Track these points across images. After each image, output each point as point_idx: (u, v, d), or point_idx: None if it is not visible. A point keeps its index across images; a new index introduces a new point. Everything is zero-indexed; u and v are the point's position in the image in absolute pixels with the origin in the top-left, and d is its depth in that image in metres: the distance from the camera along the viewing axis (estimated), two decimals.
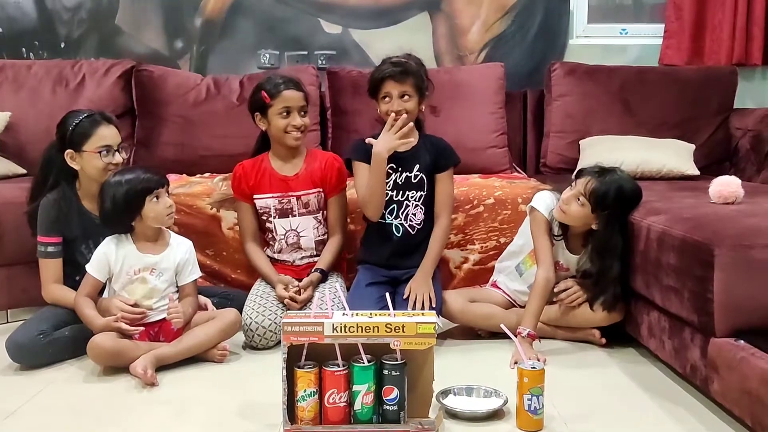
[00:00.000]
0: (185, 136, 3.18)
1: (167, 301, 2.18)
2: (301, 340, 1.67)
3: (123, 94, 3.29)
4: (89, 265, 2.16)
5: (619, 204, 2.19)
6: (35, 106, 3.19)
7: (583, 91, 3.27)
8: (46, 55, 3.54)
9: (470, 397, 1.87)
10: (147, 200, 2.14)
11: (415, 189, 2.45)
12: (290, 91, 2.47)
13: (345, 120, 3.24)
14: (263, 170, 2.54)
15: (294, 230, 2.54)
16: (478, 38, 3.61)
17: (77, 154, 2.28)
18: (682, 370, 1.92)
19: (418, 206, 2.46)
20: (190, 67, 3.59)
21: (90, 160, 2.27)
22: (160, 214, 2.16)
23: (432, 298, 2.32)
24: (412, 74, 2.41)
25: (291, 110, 2.47)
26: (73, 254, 2.31)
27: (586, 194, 2.19)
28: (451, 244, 2.76)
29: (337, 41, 3.60)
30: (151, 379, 1.98)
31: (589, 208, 2.20)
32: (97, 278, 2.16)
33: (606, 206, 2.17)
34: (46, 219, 2.28)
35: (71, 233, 2.31)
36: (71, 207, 2.31)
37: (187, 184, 2.82)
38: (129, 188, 2.13)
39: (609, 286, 2.22)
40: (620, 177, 2.24)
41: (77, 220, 2.32)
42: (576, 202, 2.21)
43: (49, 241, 2.29)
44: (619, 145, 3.07)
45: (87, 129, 2.27)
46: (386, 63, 2.44)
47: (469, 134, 3.15)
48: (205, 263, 2.70)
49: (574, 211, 2.22)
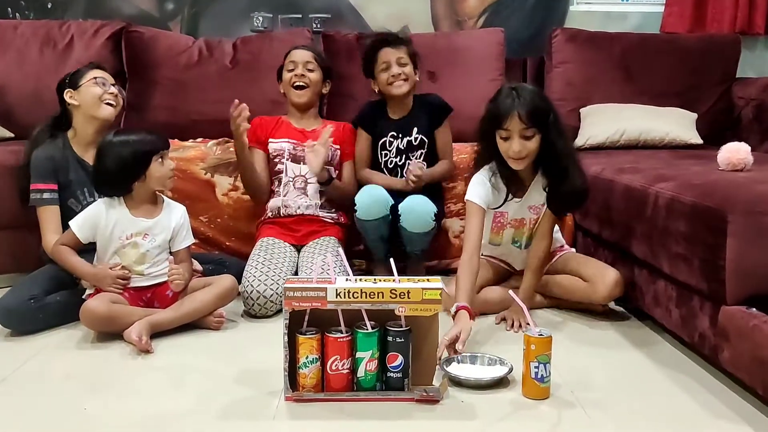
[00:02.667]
0: (177, 100, 3.10)
1: (160, 266, 2.13)
2: (303, 306, 1.62)
3: (112, 56, 3.19)
4: (74, 221, 2.11)
5: (549, 107, 2.05)
6: (22, 68, 3.09)
7: (585, 58, 3.21)
8: (33, 16, 3.45)
9: (474, 365, 1.84)
10: (153, 160, 2.09)
11: (416, 149, 2.62)
12: (297, 50, 2.68)
13: (341, 85, 3.14)
14: (280, 123, 2.66)
15: (302, 176, 2.58)
16: (478, 3, 3.56)
17: (75, 92, 2.33)
18: (690, 339, 1.89)
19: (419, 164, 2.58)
20: (181, 29, 3.51)
21: (87, 90, 2.32)
22: (164, 176, 2.12)
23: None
24: (405, 42, 2.56)
25: (296, 65, 2.62)
26: (66, 202, 2.29)
27: (529, 124, 2.01)
28: (450, 212, 2.72)
29: (333, 4, 3.53)
30: (145, 346, 1.93)
31: (537, 135, 2.04)
32: (78, 237, 2.10)
33: (545, 117, 2.02)
34: (42, 165, 2.27)
35: (66, 180, 2.29)
36: (66, 155, 2.31)
37: (180, 148, 2.75)
38: (137, 148, 2.08)
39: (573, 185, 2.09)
40: (521, 86, 2.07)
41: (72, 167, 2.31)
42: (525, 142, 2.03)
43: (45, 187, 2.26)
44: (621, 114, 3.03)
45: (82, 71, 2.38)
46: (378, 36, 2.61)
47: (468, 101, 3.05)
48: (198, 230, 2.64)
49: (530, 148, 2.04)
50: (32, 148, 2.32)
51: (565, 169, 2.09)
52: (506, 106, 2.03)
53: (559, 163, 2.09)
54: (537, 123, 2.03)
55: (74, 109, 2.33)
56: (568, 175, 2.10)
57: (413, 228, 2.45)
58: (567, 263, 2.35)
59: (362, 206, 2.46)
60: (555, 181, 2.13)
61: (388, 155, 2.62)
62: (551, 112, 2.07)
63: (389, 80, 2.55)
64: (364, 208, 2.45)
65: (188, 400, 1.68)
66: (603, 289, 2.20)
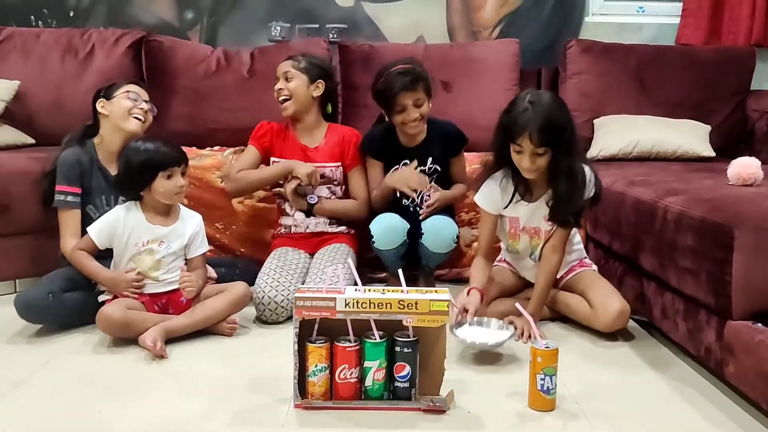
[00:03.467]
0: (195, 109, 3.15)
1: (175, 273, 2.17)
2: (312, 315, 1.65)
3: (133, 64, 3.26)
4: (92, 228, 2.16)
5: (565, 127, 2.05)
6: (44, 75, 3.15)
7: (599, 69, 3.22)
8: (55, 24, 3.50)
9: (481, 327, 2.07)
10: (159, 174, 2.12)
11: (430, 177, 2.59)
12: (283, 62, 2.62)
13: (355, 94, 3.20)
14: (287, 134, 2.62)
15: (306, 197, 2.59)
16: (493, 14, 3.57)
17: (108, 101, 2.39)
18: (696, 352, 1.90)
19: (432, 188, 2.58)
20: (200, 38, 3.56)
21: (119, 103, 2.38)
22: (168, 192, 2.15)
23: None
24: (421, 80, 2.46)
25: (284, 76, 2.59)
26: (85, 207, 2.35)
27: (540, 143, 2.02)
28: (462, 221, 2.74)
29: (349, 15, 3.56)
30: (160, 352, 1.97)
31: (549, 153, 2.06)
32: (95, 242, 2.15)
33: (558, 137, 2.03)
34: (69, 168, 2.33)
35: (89, 185, 2.35)
36: (91, 160, 2.38)
37: (197, 156, 2.80)
38: (146, 158, 2.13)
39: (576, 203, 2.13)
40: (538, 105, 2.04)
41: (94, 174, 2.37)
42: (536, 158, 2.06)
43: (70, 190, 2.32)
44: (634, 125, 3.03)
45: (119, 84, 2.45)
46: (392, 74, 2.46)
47: (482, 111, 3.09)
48: (214, 236, 2.69)
49: (541, 164, 2.07)
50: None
51: (567, 189, 2.10)
52: (520, 123, 2.03)
53: (562, 181, 2.10)
54: (549, 143, 2.03)
55: (103, 118, 2.38)
56: (568, 194, 2.11)
57: (435, 248, 2.47)
58: (579, 282, 2.31)
59: (379, 237, 2.45)
60: (555, 195, 2.15)
61: None
62: (566, 128, 2.05)
63: (405, 121, 2.49)
64: (380, 239, 2.46)
65: (200, 406, 1.72)
66: (604, 319, 2.15)
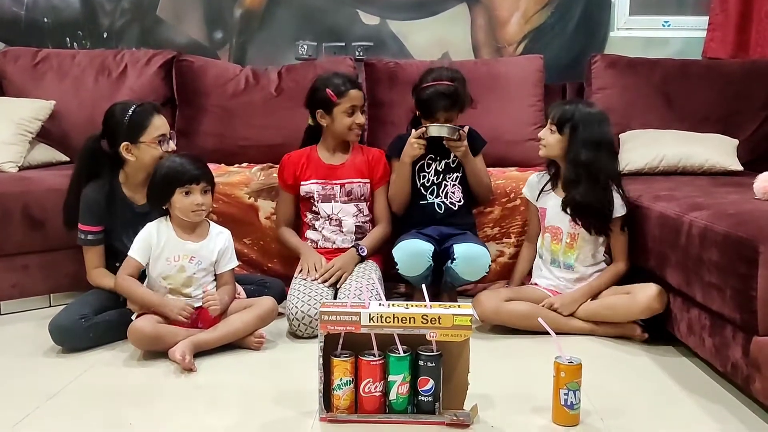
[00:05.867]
0: (224, 127, 3.21)
1: (206, 287, 2.21)
2: (337, 329, 1.68)
3: (164, 83, 3.34)
4: (131, 250, 2.20)
5: (581, 120, 2.36)
6: (78, 95, 3.24)
7: (624, 84, 3.21)
8: (89, 45, 3.60)
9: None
10: (177, 190, 2.17)
11: (453, 171, 2.64)
12: (356, 90, 2.59)
13: (382, 112, 3.24)
14: (310, 159, 2.64)
15: (335, 215, 2.61)
16: (517, 30, 3.58)
17: (134, 145, 2.31)
18: (723, 368, 1.89)
19: (455, 185, 2.63)
20: (230, 57, 3.62)
21: (148, 150, 2.31)
22: (185, 208, 2.17)
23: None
24: (460, 102, 2.58)
25: (356, 109, 2.58)
26: (113, 243, 2.37)
27: (554, 121, 2.40)
28: (486, 237, 2.75)
29: (375, 32, 3.60)
30: (189, 365, 2.01)
31: (558, 134, 2.39)
32: (138, 260, 2.19)
33: (570, 124, 2.36)
34: (89, 208, 2.34)
35: (113, 222, 2.36)
36: (115, 197, 2.36)
37: (225, 173, 2.85)
38: (166, 172, 2.18)
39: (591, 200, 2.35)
40: (580, 101, 2.56)
41: (119, 210, 2.36)
42: (549, 133, 2.41)
43: (90, 230, 2.35)
44: (660, 139, 3.01)
45: (142, 120, 2.31)
46: (435, 91, 2.55)
47: (507, 127, 3.13)
48: (242, 252, 2.73)
49: (549, 141, 2.41)
50: (78, 177, 2.38)
51: (575, 176, 2.36)
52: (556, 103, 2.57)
53: (571, 168, 2.37)
54: (558, 122, 2.39)
55: (128, 158, 2.32)
56: (577, 183, 2.35)
57: (467, 276, 2.46)
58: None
59: (403, 264, 2.44)
60: (565, 179, 2.42)
61: (427, 176, 2.64)
62: (577, 123, 2.36)
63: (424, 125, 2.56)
64: (405, 266, 2.45)
65: (228, 418, 1.75)
66: (643, 299, 2.24)
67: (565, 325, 2.34)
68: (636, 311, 2.27)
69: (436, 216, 2.60)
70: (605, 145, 2.39)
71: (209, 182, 2.23)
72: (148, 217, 2.26)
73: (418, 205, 2.63)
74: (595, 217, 2.36)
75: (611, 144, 2.45)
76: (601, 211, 2.35)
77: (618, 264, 2.43)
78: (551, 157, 2.46)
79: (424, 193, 2.63)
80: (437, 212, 2.61)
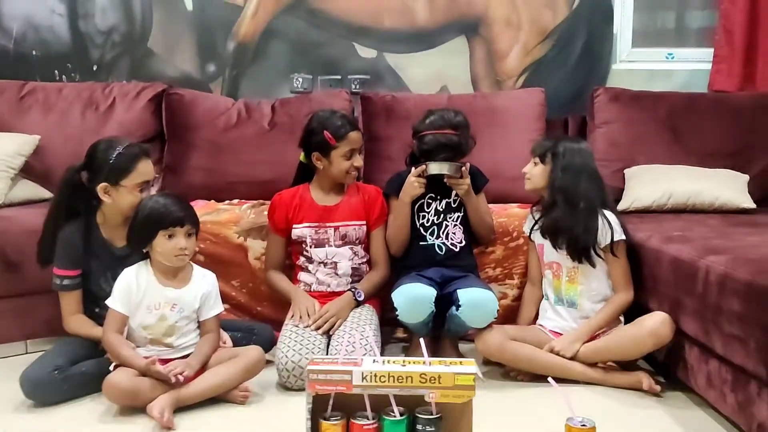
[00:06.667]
0: (214, 162, 3.10)
1: (189, 336, 2.09)
2: (327, 390, 1.54)
3: (153, 117, 3.24)
4: (112, 300, 2.06)
5: (563, 150, 2.33)
6: (64, 129, 3.14)
7: (629, 117, 3.12)
8: (78, 78, 3.51)
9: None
10: (160, 233, 2.04)
11: (454, 211, 2.53)
12: (355, 132, 2.47)
13: (378, 146, 3.13)
14: (302, 200, 2.51)
15: (329, 259, 2.47)
16: (517, 63, 3.52)
17: (113, 187, 2.18)
18: (747, 429, 1.75)
19: (456, 225, 2.52)
20: (222, 90, 3.54)
21: (126, 195, 2.18)
22: (167, 252, 2.05)
23: None
24: (460, 153, 2.48)
25: (354, 152, 2.46)
26: (91, 286, 2.23)
27: (535, 153, 2.39)
28: (488, 278, 2.62)
29: (372, 65, 3.53)
30: (168, 423, 1.87)
31: (540, 165, 2.36)
32: (122, 312, 2.05)
33: (551, 152, 2.33)
34: (65, 251, 2.21)
35: (90, 265, 2.23)
36: (92, 239, 2.23)
37: (214, 211, 2.73)
38: (149, 213, 2.06)
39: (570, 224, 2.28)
40: (564, 136, 2.63)
41: (97, 252, 2.24)
42: (532, 166, 2.40)
43: (66, 274, 2.21)
44: (668, 175, 2.91)
45: (128, 164, 2.17)
46: (436, 140, 2.46)
47: (508, 162, 3.00)
48: (230, 294, 2.60)
49: (533, 173, 2.39)
50: (56, 210, 2.24)
51: (552, 202, 2.32)
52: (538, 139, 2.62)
53: (551, 194, 2.33)
54: (540, 154, 2.36)
55: (104, 199, 2.18)
56: (554, 209, 2.31)
57: (473, 323, 2.29)
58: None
59: (404, 310, 2.29)
60: (544, 206, 2.39)
61: (427, 216, 2.53)
62: (557, 152, 2.32)
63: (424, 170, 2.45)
64: (405, 313, 2.30)
65: None
66: (649, 324, 2.11)
67: (572, 370, 2.21)
68: (642, 341, 2.12)
69: (436, 258, 2.48)
70: (587, 173, 2.32)
71: (194, 225, 2.10)
72: (128, 260, 2.13)
73: (418, 246, 2.51)
74: (576, 243, 2.26)
75: (594, 172, 2.36)
76: (582, 237, 2.25)
77: (619, 295, 2.29)
78: (537, 189, 2.41)
79: (423, 233, 2.51)
80: (438, 254, 2.49)
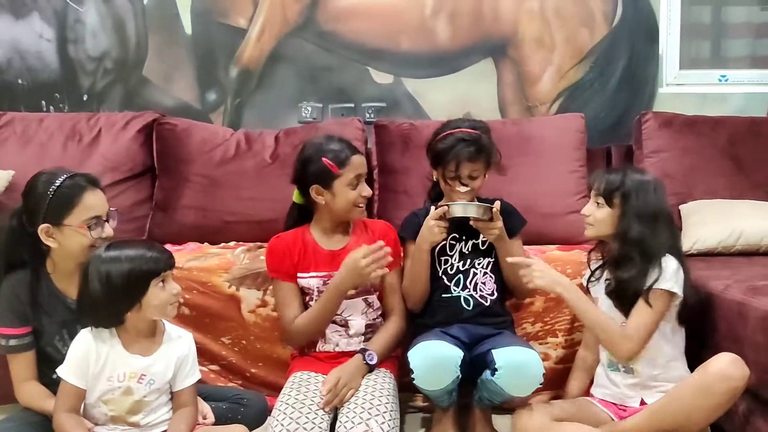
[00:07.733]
0: (209, 199, 2.75)
1: (159, 412, 1.70)
2: None
3: (142, 150, 2.90)
4: (64, 370, 1.67)
5: (634, 188, 1.95)
6: (42, 163, 2.73)
7: (683, 145, 2.76)
8: (68, 108, 3.25)
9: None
10: (152, 285, 1.67)
11: (483, 256, 2.16)
12: (358, 156, 2.10)
13: (393, 179, 2.78)
14: (305, 244, 2.11)
15: (339, 315, 2.07)
16: (551, 87, 3.21)
17: (56, 228, 1.81)
18: None
19: (486, 274, 2.14)
20: (224, 121, 3.25)
21: (73, 236, 1.80)
22: (163, 303, 1.68)
23: None
24: (485, 151, 2.12)
25: (360, 178, 2.09)
26: (45, 347, 1.85)
27: (600, 192, 1.99)
28: (525, 335, 2.22)
29: (388, 92, 3.24)
30: None
31: (606, 207, 1.98)
32: (77, 386, 1.67)
33: (620, 193, 1.96)
34: (10, 307, 1.83)
35: (42, 322, 1.85)
36: (42, 290, 1.85)
37: (202, 256, 2.36)
38: (133, 268, 1.65)
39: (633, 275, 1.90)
40: (628, 166, 2.31)
41: (49, 306, 1.85)
42: (595, 208, 2.01)
43: (13, 333, 1.82)
44: (733, 211, 2.54)
45: (69, 197, 1.81)
46: (455, 137, 2.10)
47: (544, 197, 2.65)
48: (218, 354, 2.24)
49: (597, 217, 2.00)
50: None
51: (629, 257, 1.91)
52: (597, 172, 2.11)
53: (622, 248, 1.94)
54: (605, 193, 1.98)
55: (49, 244, 1.82)
56: (629, 266, 1.90)
57: (513, 390, 1.90)
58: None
59: (422, 374, 1.89)
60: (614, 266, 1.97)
61: (450, 261, 2.13)
62: (629, 192, 1.95)
63: (453, 190, 2.10)
64: (424, 377, 1.90)
65: None
66: (717, 364, 1.73)
67: None
68: (709, 389, 1.71)
69: (463, 313, 2.08)
70: (663, 217, 1.96)
71: (174, 264, 1.75)
72: None
73: (441, 299, 2.11)
74: None
75: (669, 216, 2.00)
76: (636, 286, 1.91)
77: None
78: (601, 236, 2.01)
79: (447, 283, 2.10)
80: (465, 309, 2.09)
